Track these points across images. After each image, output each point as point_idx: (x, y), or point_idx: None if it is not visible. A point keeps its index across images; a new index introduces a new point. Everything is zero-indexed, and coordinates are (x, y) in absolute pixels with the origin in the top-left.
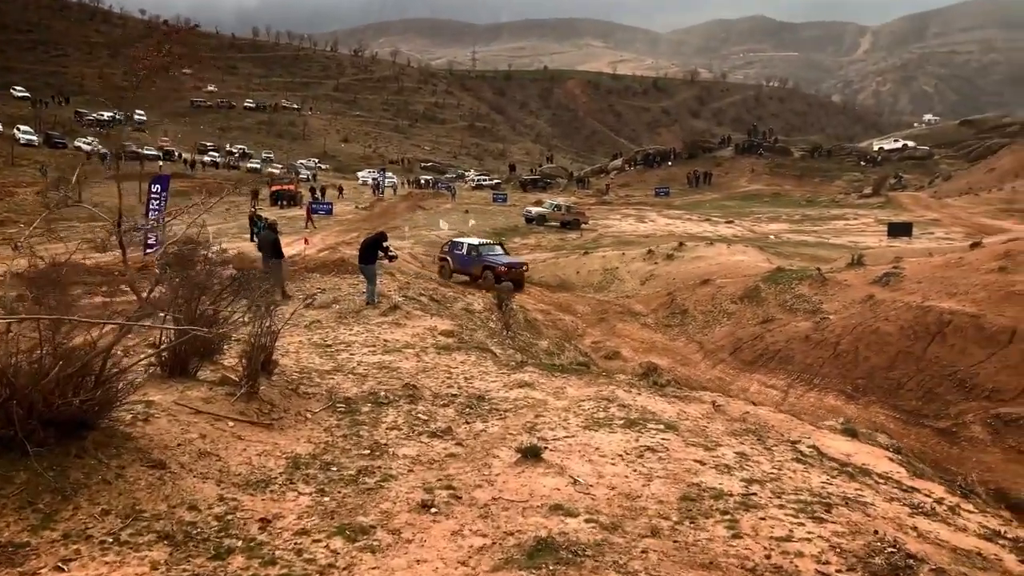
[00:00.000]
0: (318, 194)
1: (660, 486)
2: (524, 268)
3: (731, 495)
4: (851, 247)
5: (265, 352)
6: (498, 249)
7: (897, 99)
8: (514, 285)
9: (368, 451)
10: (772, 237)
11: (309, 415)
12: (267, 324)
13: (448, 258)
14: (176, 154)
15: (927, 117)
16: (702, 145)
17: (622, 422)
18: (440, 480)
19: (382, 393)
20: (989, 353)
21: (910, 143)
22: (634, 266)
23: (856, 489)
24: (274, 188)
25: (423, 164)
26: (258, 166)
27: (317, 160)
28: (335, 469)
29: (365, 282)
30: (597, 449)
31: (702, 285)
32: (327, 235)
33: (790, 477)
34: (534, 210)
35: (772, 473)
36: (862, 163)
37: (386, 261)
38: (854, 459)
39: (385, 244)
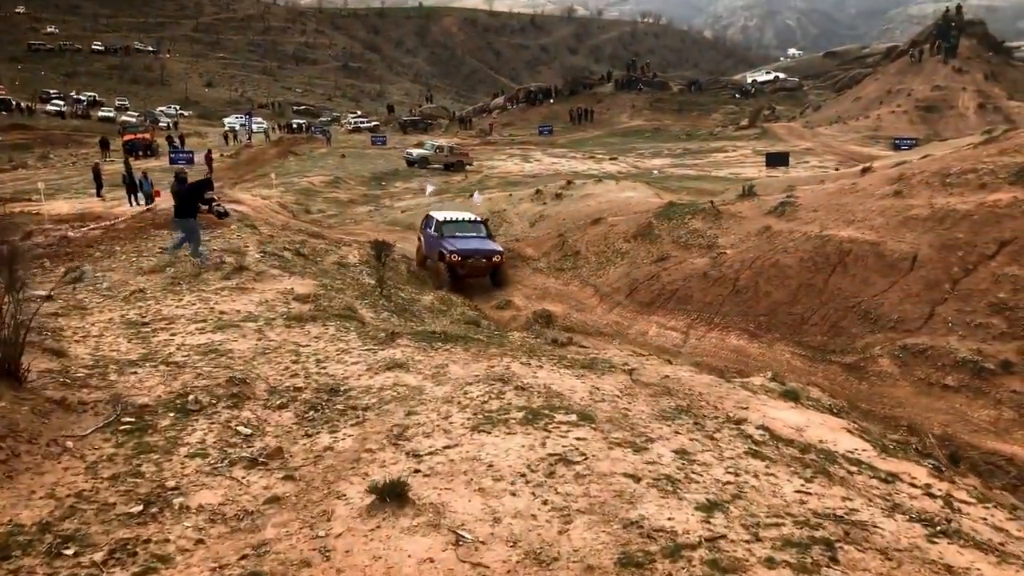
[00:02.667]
0: (176, 142)
1: (584, 532)
2: (496, 259)
3: (690, 545)
4: (733, 179)
5: (11, 349)
6: (473, 229)
7: (763, 33)
8: (491, 280)
9: (141, 506)
10: (656, 172)
11: (71, 443)
12: (15, 309)
13: (420, 238)
14: (12, 103)
15: (792, 51)
16: (583, 81)
17: (522, 414)
18: (246, 557)
19: (196, 394)
20: (891, 282)
21: (781, 75)
22: (522, 207)
23: (843, 499)
24: (127, 138)
25: (296, 108)
26: (111, 114)
27: (178, 107)
28: (71, 552)
29: (188, 242)
30: (491, 467)
31: (593, 224)
32: None
33: (755, 489)
34: (415, 152)
35: (731, 484)
36: (737, 96)
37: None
38: (809, 435)
39: (209, 194)
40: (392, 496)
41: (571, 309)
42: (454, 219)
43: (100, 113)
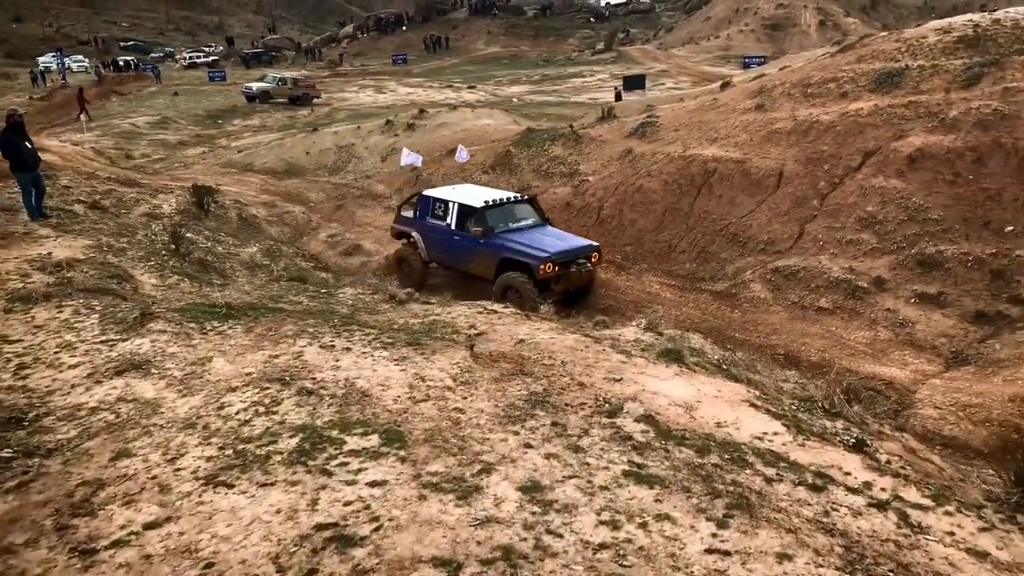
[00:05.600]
0: None
1: None
2: (595, 258)
3: None
4: (592, 103)
5: None
6: (523, 212)
7: None
8: (579, 294)
9: None
10: (515, 99)
11: None
12: None
13: (416, 236)
14: None
15: None
16: (436, 7)
17: (295, 442)
18: None
19: None
20: (759, 201)
21: None
22: (372, 140)
23: (778, 557)
24: None
25: (122, 44)
26: None
27: None
28: None
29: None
30: (210, 567)
31: (449, 155)
32: None
33: (645, 554)
34: (255, 86)
35: (606, 551)
36: (591, 20)
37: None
38: (704, 417)
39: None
40: None
41: None
42: (496, 201)
43: None
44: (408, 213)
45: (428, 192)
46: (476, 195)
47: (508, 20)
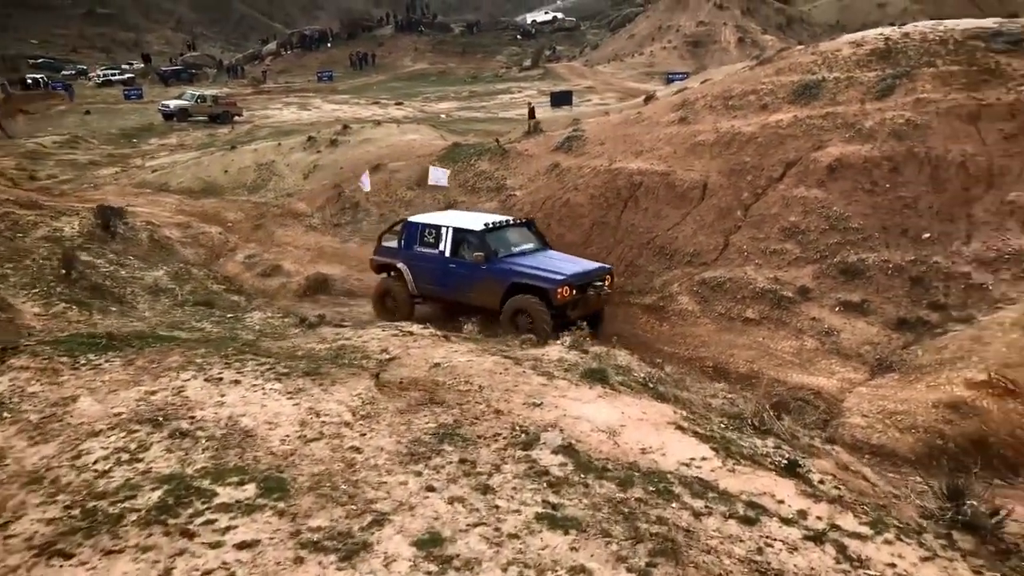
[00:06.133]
0: None
1: None
2: (608, 280)
3: None
4: (520, 119)
5: None
6: (524, 237)
7: None
8: (589, 322)
9: None
10: (443, 116)
11: None
12: None
13: (402, 267)
14: None
15: None
16: (361, 24)
17: (157, 495)
18: None
19: None
20: (684, 213)
21: (559, 15)
22: (294, 157)
23: None
24: None
25: (32, 61)
26: None
27: None
28: None
29: None
30: None
31: (373, 172)
32: None
33: None
34: (173, 104)
35: None
36: (518, 37)
37: None
38: (628, 442)
39: None
40: None
41: (352, 270)
42: (496, 224)
43: None
44: (391, 243)
45: (415, 218)
46: (471, 219)
47: (435, 37)
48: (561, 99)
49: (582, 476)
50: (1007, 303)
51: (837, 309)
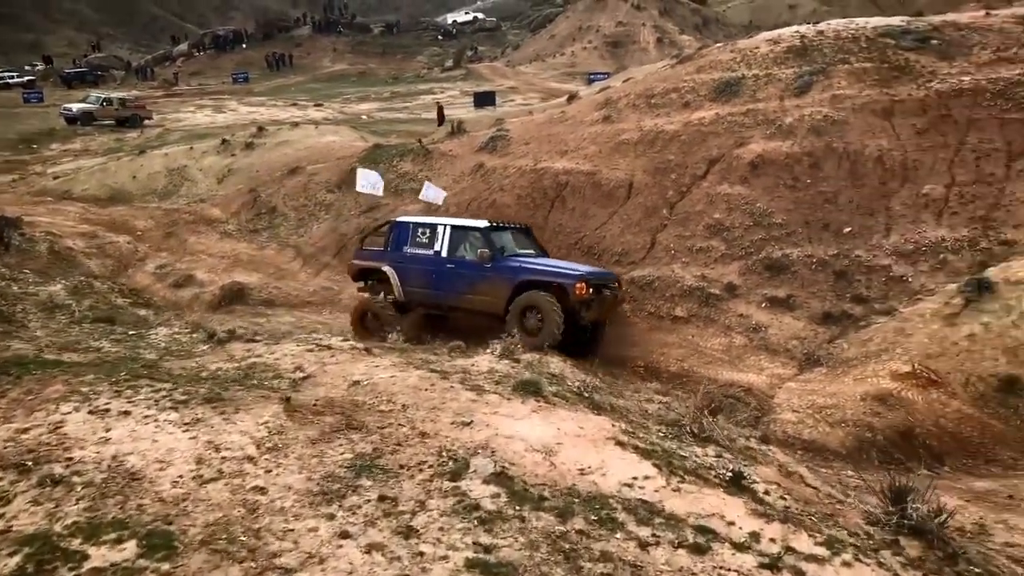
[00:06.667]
0: None
1: None
2: (615, 286)
3: None
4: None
5: None
6: (524, 242)
7: None
8: (591, 332)
9: None
10: (364, 117)
11: None
12: None
13: (388, 271)
14: None
15: None
16: (277, 25)
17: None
18: None
19: None
20: (611, 212)
21: (480, 15)
22: (207, 162)
23: None
24: None
25: None
26: None
27: None
28: None
29: None
30: None
31: (291, 175)
32: None
33: None
34: (76, 107)
35: None
36: (439, 37)
37: None
38: (565, 463)
39: None
40: None
41: (269, 278)
42: (500, 223)
43: None
44: (375, 245)
45: (404, 218)
46: (467, 219)
47: (354, 37)
48: (484, 99)
49: (517, 508)
50: (926, 294)
51: (764, 305)
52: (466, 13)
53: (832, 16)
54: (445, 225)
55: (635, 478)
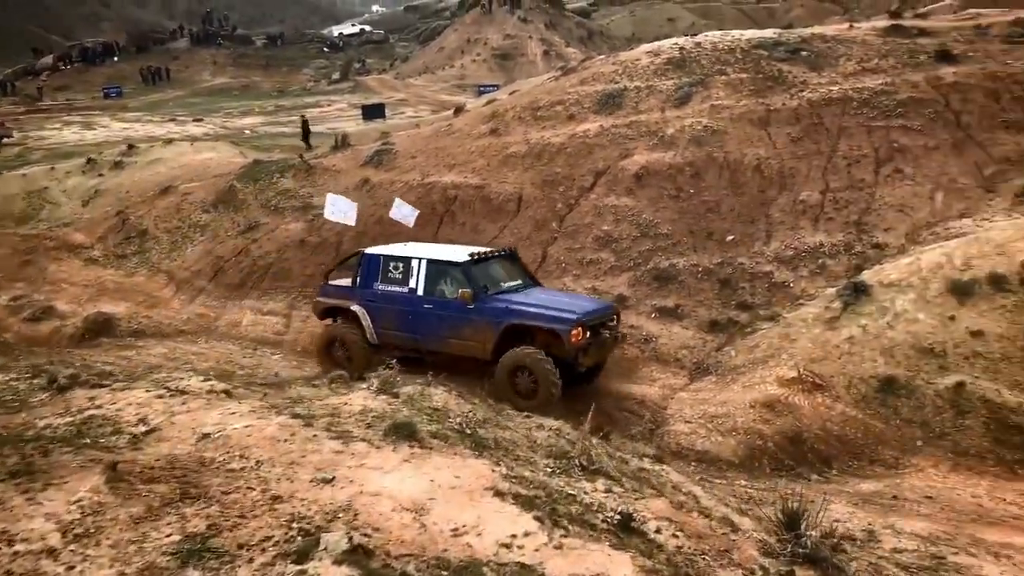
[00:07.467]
0: None
1: None
2: (614, 324)
3: None
4: (331, 133)
5: None
6: (510, 272)
7: None
8: (590, 372)
9: None
10: (248, 132)
11: None
12: None
13: (358, 311)
14: None
15: (375, 7)
16: (152, 37)
17: None
18: None
19: None
20: (501, 226)
21: (367, 28)
22: (71, 183)
23: None
24: None
25: None
26: None
27: None
28: None
29: None
30: None
31: (163, 195)
32: None
33: None
34: None
35: None
36: (326, 50)
37: None
38: (437, 522)
39: None
40: None
41: (139, 306)
42: (482, 255)
43: None
44: (342, 280)
45: (374, 250)
46: (446, 250)
47: (236, 50)
48: (374, 112)
49: None
50: (808, 299)
51: (653, 316)
52: (353, 25)
53: (709, 29)
54: (420, 259)
55: (514, 536)
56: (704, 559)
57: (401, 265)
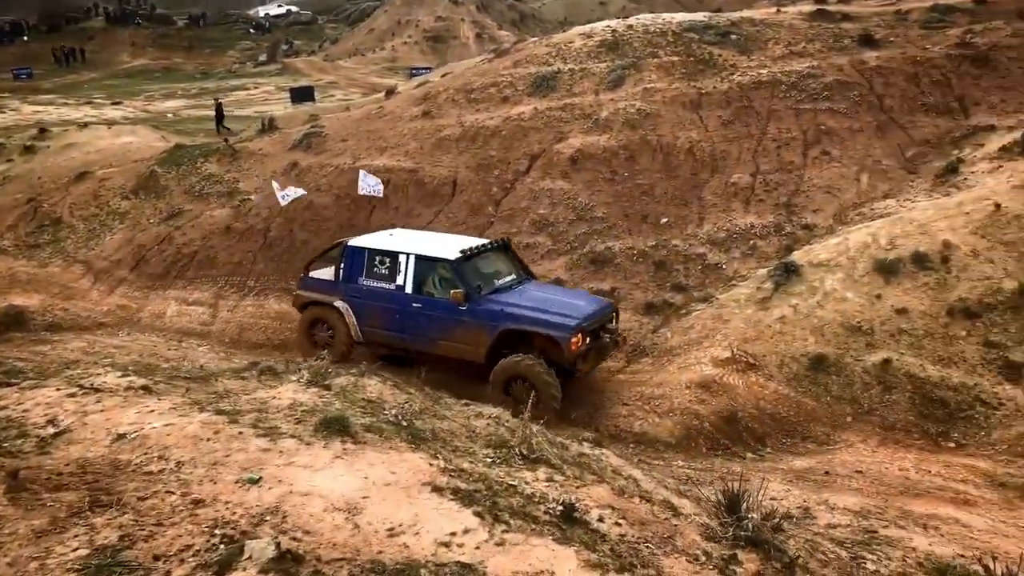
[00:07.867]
0: None
1: None
2: (613, 326)
3: None
4: (258, 117)
5: None
6: (503, 266)
7: None
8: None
9: None
10: (171, 115)
11: None
12: None
13: (341, 307)
14: None
15: None
16: (64, 15)
17: None
18: None
19: None
20: (436, 211)
21: (294, 9)
22: None
23: None
24: None
25: None
26: None
27: None
28: None
29: None
30: None
31: (79, 181)
32: None
33: None
34: None
35: None
36: (251, 31)
37: None
38: (371, 519)
39: None
40: None
41: (54, 298)
42: (474, 249)
43: None
44: (324, 273)
45: (358, 241)
46: (437, 243)
47: (156, 30)
48: (302, 95)
49: None
50: (740, 280)
51: None
52: (279, 6)
53: (640, 12)
54: (408, 254)
55: (453, 534)
56: (648, 547)
57: (388, 260)
